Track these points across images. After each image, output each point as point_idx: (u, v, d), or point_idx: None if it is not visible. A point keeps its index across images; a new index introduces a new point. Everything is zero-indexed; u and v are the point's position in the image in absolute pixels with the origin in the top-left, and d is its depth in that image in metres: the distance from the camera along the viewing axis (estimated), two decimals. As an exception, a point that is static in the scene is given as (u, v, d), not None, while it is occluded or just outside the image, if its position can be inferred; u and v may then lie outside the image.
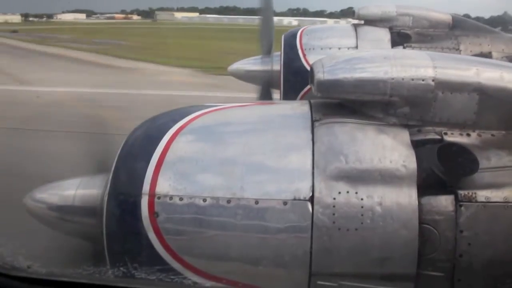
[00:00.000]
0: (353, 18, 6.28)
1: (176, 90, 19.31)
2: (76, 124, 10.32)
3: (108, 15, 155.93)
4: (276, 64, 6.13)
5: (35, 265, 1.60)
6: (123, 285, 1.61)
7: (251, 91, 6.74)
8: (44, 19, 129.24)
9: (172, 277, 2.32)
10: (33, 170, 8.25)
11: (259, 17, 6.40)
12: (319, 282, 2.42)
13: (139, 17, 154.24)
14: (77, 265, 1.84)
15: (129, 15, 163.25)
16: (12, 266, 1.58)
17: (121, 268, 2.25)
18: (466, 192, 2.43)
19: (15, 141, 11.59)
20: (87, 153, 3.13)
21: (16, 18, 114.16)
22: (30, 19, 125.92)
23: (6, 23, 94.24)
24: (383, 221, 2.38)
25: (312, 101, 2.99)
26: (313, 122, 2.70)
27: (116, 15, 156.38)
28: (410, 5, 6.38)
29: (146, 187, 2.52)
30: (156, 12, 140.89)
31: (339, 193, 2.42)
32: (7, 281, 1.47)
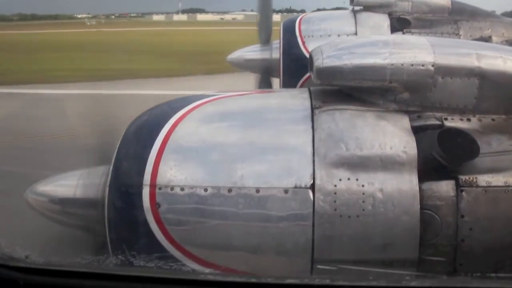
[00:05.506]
0: (352, 4, 6.24)
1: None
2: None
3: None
4: (276, 52, 6.09)
5: (33, 255, 1.60)
6: (123, 274, 1.60)
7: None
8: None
9: (174, 267, 2.32)
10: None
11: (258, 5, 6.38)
12: (319, 267, 2.42)
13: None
14: (76, 254, 1.83)
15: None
16: (10, 256, 1.57)
17: (123, 259, 2.25)
18: (467, 177, 2.42)
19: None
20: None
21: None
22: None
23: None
24: (384, 208, 2.37)
25: (311, 88, 2.97)
26: (313, 109, 2.68)
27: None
28: None
29: (147, 177, 2.50)
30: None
31: (340, 180, 2.40)
32: (5, 272, 1.47)
